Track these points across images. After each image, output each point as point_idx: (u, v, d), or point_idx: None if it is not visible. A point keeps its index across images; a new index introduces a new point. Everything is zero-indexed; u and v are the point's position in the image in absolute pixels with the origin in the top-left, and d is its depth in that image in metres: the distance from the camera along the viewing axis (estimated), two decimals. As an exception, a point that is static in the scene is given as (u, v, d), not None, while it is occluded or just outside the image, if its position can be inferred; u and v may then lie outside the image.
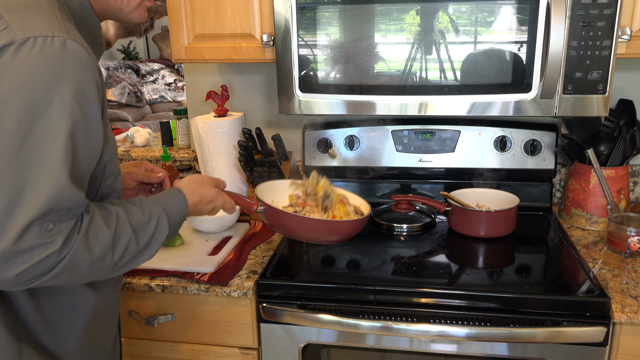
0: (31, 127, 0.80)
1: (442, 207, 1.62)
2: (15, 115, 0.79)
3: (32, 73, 0.80)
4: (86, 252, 0.85)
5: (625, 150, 1.55)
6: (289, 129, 1.90)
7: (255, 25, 1.48)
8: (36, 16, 0.84)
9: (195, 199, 1.08)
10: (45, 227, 0.81)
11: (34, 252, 0.80)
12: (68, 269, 0.84)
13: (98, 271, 0.89)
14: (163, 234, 0.97)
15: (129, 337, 1.45)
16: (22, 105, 0.79)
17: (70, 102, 0.82)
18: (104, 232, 0.88)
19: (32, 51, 0.80)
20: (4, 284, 0.82)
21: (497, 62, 1.35)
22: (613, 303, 1.19)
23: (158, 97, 5.75)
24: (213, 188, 1.15)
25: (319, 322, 1.28)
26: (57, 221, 0.82)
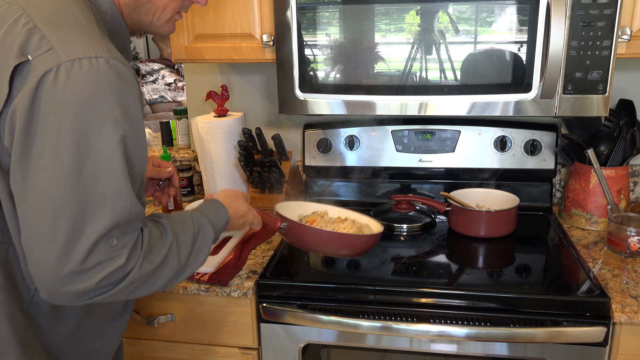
0: (89, 149, 0.81)
1: (442, 207, 1.62)
2: (73, 139, 0.80)
3: (84, 95, 0.80)
4: (149, 266, 0.87)
5: (625, 150, 1.55)
6: (289, 129, 1.90)
7: (255, 25, 1.48)
8: (78, 35, 0.84)
9: (232, 212, 1.10)
10: (110, 243, 0.82)
11: (100, 267, 0.82)
12: (133, 284, 0.85)
13: (157, 283, 0.90)
14: (209, 241, 0.99)
15: (129, 337, 1.45)
16: (75, 127, 0.80)
17: (121, 119, 0.83)
18: (162, 245, 0.90)
19: (80, 74, 0.81)
20: (69, 298, 0.83)
21: (497, 62, 1.35)
22: (613, 303, 1.19)
23: (158, 97, 5.75)
24: (245, 203, 1.16)
25: (319, 322, 1.28)
26: (120, 236, 0.83)
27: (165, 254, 0.90)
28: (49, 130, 0.80)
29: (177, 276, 0.93)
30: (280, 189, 1.66)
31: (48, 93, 0.80)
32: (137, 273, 0.85)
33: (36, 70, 0.80)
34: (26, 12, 0.86)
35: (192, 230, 0.97)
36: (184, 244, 0.94)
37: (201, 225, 0.99)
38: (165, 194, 1.35)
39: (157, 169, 1.30)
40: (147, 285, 0.89)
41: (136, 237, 0.86)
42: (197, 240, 0.97)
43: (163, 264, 0.90)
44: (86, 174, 0.81)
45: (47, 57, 0.81)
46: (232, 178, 1.73)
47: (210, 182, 1.75)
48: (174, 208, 1.79)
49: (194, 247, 0.96)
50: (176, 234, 0.93)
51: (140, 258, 0.86)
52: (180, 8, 1.06)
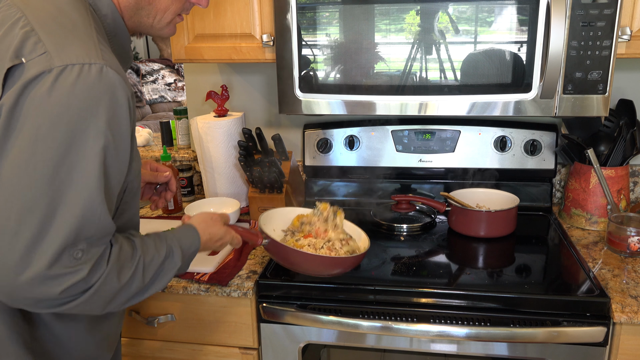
0: (66, 155, 0.80)
1: (442, 207, 1.62)
2: (51, 143, 0.79)
3: (69, 102, 0.80)
4: (115, 282, 0.86)
5: (625, 150, 1.55)
6: (289, 129, 1.90)
7: (255, 25, 1.48)
8: (74, 40, 0.84)
9: (206, 237, 1.09)
10: (74, 255, 0.82)
11: (64, 277, 0.81)
12: (95, 298, 0.85)
13: (119, 301, 0.90)
14: (175, 267, 0.98)
15: (129, 337, 1.45)
16: (58, 133, 0.80)
17: (105, 130, 0.82)
18: (130, 263, 0.89)
19: (69, 79, 0.80)
20: (27, 303, 0.83)
21: (497, 62, 1.35)
22: (613, 303, 1.19)
23: (158, 97, 5.75)
24: (222, 226, 1.15)
25: (319, 322, 1.28)
26: (86, 249, 0.83)
27: (132, 272, 0.89)
28: (28, 130, 0.79)
29: (137, 296, 0.92)
30: (280, 189, 1.66)
31: (34, 95, 0.79)
32: (101, 287, 0.84)
33: (27, 72, 0.80)
34: (25, 14, 0.86)
35: (164, 253, 0.96)
36: (151, 266, 0.93)
37: (172, 251, 0.98)
38: (162, 198, 1.34)
39: (154, 174, 1.29)
40: (111, 301, 0.88)
41: (102, 252, 0.85)
42: (164, 264, 0.96)
43: (129, 283, 0.89)
44: (59, 179, 0.80)
45: (40, 60, 0.81)
46: (232, 178, 1.73)
47: (210, 182, 1.75)
48: (174, 208, 1.79)
49: (159, 270, 0.95)
50: (145, 254, 0.93)
51: (105, 273, 0.85)
52: (181, 10, 1.05)
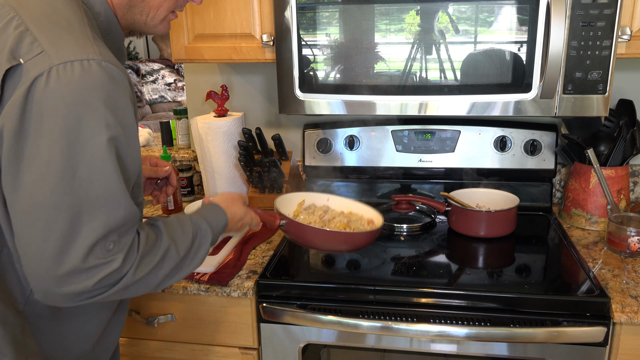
0: (81, 151, 0.81)
1: (442, 207, 1.62)
2: (63, 142, 0.80)
3: (73, 98, 0.80)
4: (145, 268, 0.88)
5: (625, 150, 1.55)
6: (289, 129, 1.90)
7: (255, 25, 1.48)
8: (69, 37, 0.84)
9: (229, 216, 1.11)
10: (106, 247, 0.83)
11: (97, 270, 0.82)
12: (127, 286, 0.86)
13: (150, 284, 0.91)
14: (207, 243, 1.00)
15: (129, 337, 1.45)
16: (67, 130, 0.80)
17: (113, 122, 0.83)
18: (157, 249, 0.91)
19: (72, 77, 0.81)
20: (64, 299, 0.84)
21: (497, 62, 1.35)
22: (613, 303, 1.19)
23: (158, 97, 5.75)
24: (242, 206, 1.17)
25: (319, 322, 1.28)
26: (117, 239, 0.84)
27: (161, 256, 0.91)
28: (40, 133, 0.80)
29: (171, 275, 0.94)
30: (280, 189, 1.66)
31: (39, 96, 0.80)
32: (131, 277, 0.86)
33: (28, 73, 0.80)
34: (18, 14, 0.86)
35: (191, 232, 0.98)
36: (182, 245, 0.95)
37: (199, 227, 1.00)
38: (164, 193, 1.35)
39: (154, 169, 1.30)
40: (142, 287, 0.90)
41: (132, 240, 0.87)
42: (195, 241, 0.98)
43: (158, 267, 0.90)
44: (79, 176, 0.81)
45: (38, 60, 0.81)
46: (232, 178, 1.73)
47: (210, 182, 1.75)
48: (174, 208, 1.79)
49: (192, 248, 0.97)
50: (173, 235, 0.94)
51: (136, 261, 0.87)
52: (174, 7, 1.05)
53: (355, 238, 1.30)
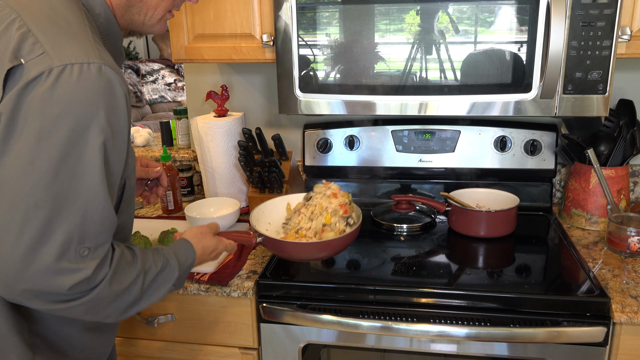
0: (69, 152, 0.81)
1: (442, 207, 1.62)
2: (54, 142, 0.81)
3: (71, 100, 0.81)
4: (116, 285, 0.88)
5: (625, 150, 1.55)
6: (289, 129, 1.90)
7: (255, 25, 1.48)
8: (71, 40, 0.85)
9: (200, 251, 1.11)
10: (81, 253, 0.83)
11: (71, 274, 0.82)
12: (96, 300, 0.86)
13: (116, 307, 0.91)
14: (173, 277, 0.99)
15: (129, 337, 1.45)
16: (60, 131, 0.81)
17: (105, 126, 0.84)
18: (131, 269, 0.91)
19: (70, 79, 0.81)
20: (32, 297, 0.83)
21: (497, 62, 1.35)
22: (613, 303, 1.19)
23: (158, 97, 5.75)
24: (212, 238, 1.18)
25: (319, 322, 1.28)
26: (92, 248, 0.85)
27: (133, 278, 0.91)
28: (30, 130, 0.80)
29: (133, 306, 0.93)
30: (280, 189, 1.66)
31: (35, 95, 0.80)
32: (104, 290, 0.86)
33: (28, 73, 0.81)
34: (20, 15, 0.86)
35: (161, 264, 0.97)
36: (149, 275, 0.95)
37: (168, 262, 1.00)
38: (154, 193, 1.36)
39: (145, 169, 1.31)
40: (108, 307, 0.89)
41: (106, 252, 0.87)
42: (162, 274, 0.97)
43: (129, 289, 0.90)
44: (63, 175, 0.81)
45: (39, 60, 0.82)
46: (232, 178, 1.73)
47: (210, 182, 1.75)
48: (173, 208, 1.79)
49: (156, 281, 0.96)
50: (144, 263, 0.94)
51: (108, 275, 0.86)
52: (171, 7, 1.06)
53: (335, 244, 1.28)
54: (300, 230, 1.34)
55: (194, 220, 1.57)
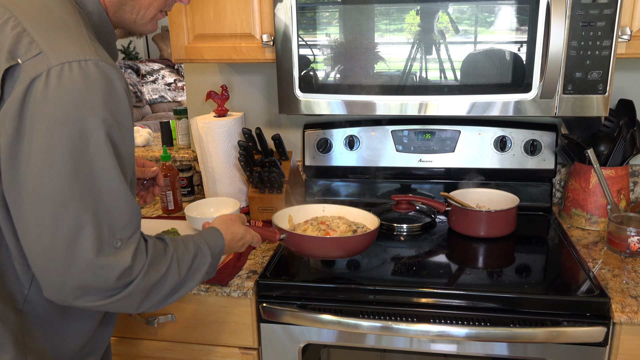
0: (83, 149, 0.82)
1: (442, 207, 1.62)
2: (66, 140, 0.81)
3: (73, 98, 0.82)
4: (154, 275, 0.91)
5: (625, 150, 1.55)
6: (289, 129, 1.90)
7: (255, 25, 1.48)
8: (66, 38, 0.85)
9: (229, 237, 1.13)
10: (114, 245, 0.86)
11: (112, 267, 0.85)
12: (136, 292, 0.88)
13: (157, 296, 0.93)
14: (206, 262, 1.02)
15: (129, 337, 1.45)
16: (69, 129, 0.81)
17: (110, 119, 0.85)
18: (164, 258, 0.93)
19: (69, 77, 0.82)
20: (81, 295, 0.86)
21: (497, 62, 1.35)
22: (613, 303, 1.19)
23: (158, 97, 5.75)
24: (242, 226, 1.20)
25: (319, 322, 1.28)
26: (124, 239, 0.87)
27: (167, 266, 0.93)
28: (39, 133, 0.81)
29: (174, 292, 0.96)
30: (280, 189, 1.66)
31: (38, 97, 0.80)
32: (142, 280, 0.88)
33: (26, 73, 0.81)
34: (14, 15, 0.86)
35: (192, 251, 1.00)
36: (184, 261, 0.97)
37: (200, 248, 1.02)
38: (150, 193, 1.37)
39: (141, 169, 1.33)
40: (149, 297, 0.91)
41: (138, 242, 0.89)
42: (195, 260, 1.00)
43: (165, 276, 0.93)
44: (82, 172, 0.83)
45: (36, 61, 0.82)
46: (232, 178, 1.73)
47: (210, 182, 1.75)
48: (174, 208, 1.79)
49: (192, 266, 0.99)
50: (177, 250, 0.96)
51: (145, 265, 0.89)
52: (163, 6, 1.07)
53: (353, 242, 1.31)
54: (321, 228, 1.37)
55: (193, 220, 1.57)
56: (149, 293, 0.91)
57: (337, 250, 1.31)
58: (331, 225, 1.38)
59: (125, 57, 6.28)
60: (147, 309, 0.93)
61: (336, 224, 1.38)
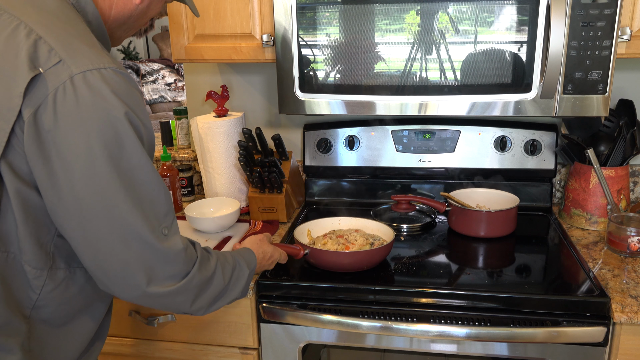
0: (120, 150, 0.86)
1: (442, 207, 1.62)
2: (103, 144, 0.84)
3: (102, 102, 0.84)
4: (205, 272, 0.98)
5: (625, 150, 1.55)
6: (289, 129, 1.90)
7: (255, 25, 1.48)
8: (82, 46, 0.87)
9: (260, 256, 1.23)
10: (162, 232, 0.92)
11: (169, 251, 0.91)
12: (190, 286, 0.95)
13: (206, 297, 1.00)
14: (244, 274, 1.10)
15: (129, 337, 1.45)
16: (102, 136, 0.84)
17: (137, 121, 0.88)
18: (210, 260, 1.01)
19: (94, 83, 0.84)
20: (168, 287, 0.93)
21: (497, 62, 1.35)
22: (613, 303, 1.19)
23: (158, 97, 5.75)
24: (270, 245, 1.29)
25: (319, 322, 1.28)
26: (169, 225, 0.93)
27: (214, 268, 1.00)
28: (75, 140, 0.83)
29: (220, 297, 1.03)
30: (280, 189, 1.66)
31: (66, 106, 0.82)
32: (197, 273, 0.95)
33: (49, 83, 0.82)
34: (23, 21, 0.85)
35: (232, 263, 1.08)
36: (226, 268, 1.05)
37: (238, 261, 1.10)
38: None
39: None
40: (200, 295, 0.98)
41: (187, 240, 0.97)
42: (235, 271, 1.07)
43: (213, 276, 1.00)
44: (124, 172, 0.86)
45: (58, 69, 0.82)
46: (232, 178, 1.73)
47: (210, 182, 1.75)
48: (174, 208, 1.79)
49: (233, 275, 1.06)
50: (219, 257, 1.04)
51: (198, 259, 0.96)
52: None
53: (372, 255, 1.35)
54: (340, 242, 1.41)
55: (193, 220, 1.57)
56: (201, 290, 0.97)
57: (357, 263, 1.34)
58: (349, 238, 1.41)
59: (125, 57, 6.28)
60: (197, 310, 0.99)
61: (354, 237, 1.41)
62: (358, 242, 1.39)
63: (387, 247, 1.36)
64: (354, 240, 1.40)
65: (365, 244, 1.38)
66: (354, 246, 1.38)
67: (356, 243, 1.39)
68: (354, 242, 1.39)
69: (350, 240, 1.40)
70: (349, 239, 1.41)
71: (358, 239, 1.40)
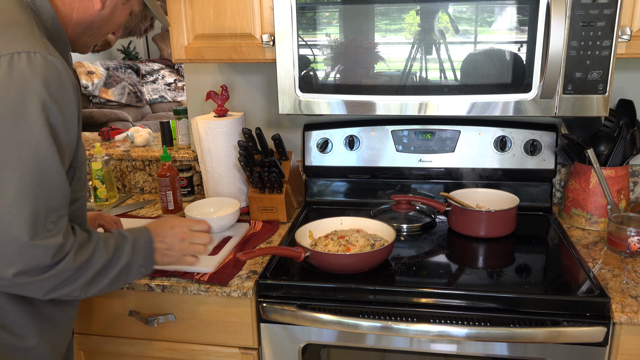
0: (22, 133, 0.88)
1: (442, 207, 1.62)
2: (4, 124, 0.86)
3: (18, 84, 0.87)
4: (82, 256, 0.96)
5: (625, 150, 1.55)
6: (289, 129, 1.90)
7: (255, 25, 1.48)
8: (16, 32, 0.91)
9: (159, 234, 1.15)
10: (47, 227, 0.91)
11: (46, 247, 0.90)
12: (65, 272, 0.94)
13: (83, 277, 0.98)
14: (127, 244, 1.06)
15: (129, 337, 1.45)
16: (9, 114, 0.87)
17: (55, 110, 0.90)
18: (89, 244, 0.99)
19: (17, 65, 0.88)
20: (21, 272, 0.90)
21: (497, 62, 1.35)
22: (613, 303, 1.19)
23: (158, 97, 5.75)
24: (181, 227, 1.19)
25: (319, 322, 1.28)
26: (56, 221, 0.92)
27: (92, 250, 0.98)
28: None
29: (105, 272, 1.00)
30: (280, 189, 1.66)
31: None
32: (71, 260, 0.94)
33: None
34: None
35: (115, 235, 1.06)
36: (109, 242, 1.02)
37: (120, 232, 1.07)
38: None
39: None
40: (74, 279, 0.96)
41: (67, 224, 0.95)
42: (117, 240, 1.05)
43: (91, 260, 0.98)
44: (24, 155, 0.88)
45: None
46: (232, 178, 1.73)
47: (210, 182, 1.75)
48: (174, 208, 1.79)
49: (116, 245, 1.03)
50: (99, 235, 1.03)
51: (75, 245, 0.95)
52: None
53: (373, 257, 1.34)
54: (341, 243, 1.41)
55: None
56: (74, 274, 0.95)
57: (358, 265, 1.34)
58: (350, 239, 1.41)
59: (125, 57, 6.28)
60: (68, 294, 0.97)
61: (355, 238, 1.41)
62: (359, 243, 1.39)
63: (388, 248, 1.36)
64: (355, 241, 1.40)
65: (366, 245, 1.38)
66: (355, 247, 1.38)
67: (357, 244, 1.38)
68: (355, 243, 1.39)
69: (352, 242, 1.40)
70: (350, 240, 1.41)
71: (359, 239, 1.40)
